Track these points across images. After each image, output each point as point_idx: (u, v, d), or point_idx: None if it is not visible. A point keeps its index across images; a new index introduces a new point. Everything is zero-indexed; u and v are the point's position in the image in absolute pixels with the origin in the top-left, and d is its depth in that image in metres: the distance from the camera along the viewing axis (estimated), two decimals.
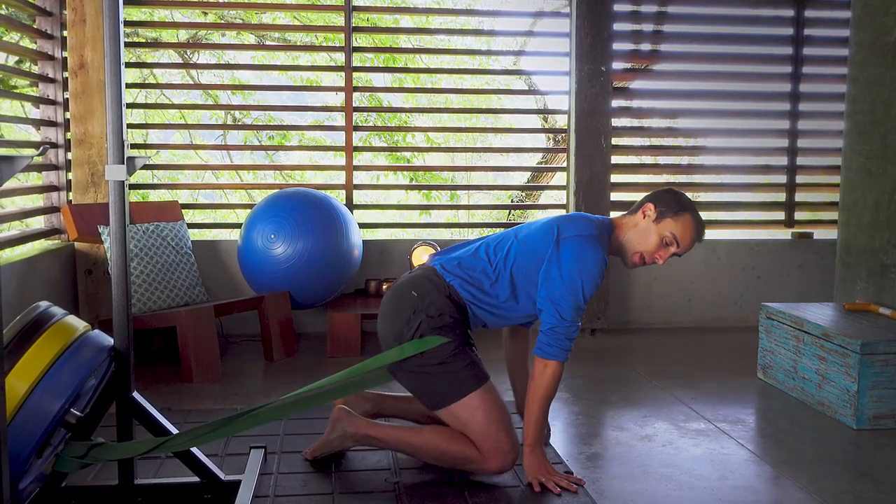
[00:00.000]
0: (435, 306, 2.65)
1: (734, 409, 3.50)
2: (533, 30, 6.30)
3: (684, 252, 2.75)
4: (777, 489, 2.67)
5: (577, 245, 2.62)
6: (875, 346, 3.24)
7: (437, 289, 2.69)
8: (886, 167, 3.92)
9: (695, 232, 2.73)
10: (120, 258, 2.29)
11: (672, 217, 2.70)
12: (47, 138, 4.56)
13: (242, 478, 2.53)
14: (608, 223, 2.79)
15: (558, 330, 2.60)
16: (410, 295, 2.68)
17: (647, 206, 2.74)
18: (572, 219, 2.73)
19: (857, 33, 4.13)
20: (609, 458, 2.94)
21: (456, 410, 2.61)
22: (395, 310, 2.70)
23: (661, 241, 2.71)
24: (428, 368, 2.61)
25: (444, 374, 2.61)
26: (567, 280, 2.59)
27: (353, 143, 5.05)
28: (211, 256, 4.84)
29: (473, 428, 2.59)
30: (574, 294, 2.59)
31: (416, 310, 2.65)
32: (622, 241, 2.77)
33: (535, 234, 2.73)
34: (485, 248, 2.78)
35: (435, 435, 2.68)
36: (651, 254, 2.73)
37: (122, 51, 2.24)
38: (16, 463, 1.96)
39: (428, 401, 2.68)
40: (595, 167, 4.99)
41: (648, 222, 2.73)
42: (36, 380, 2.04)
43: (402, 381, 2.70)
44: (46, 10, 4.48)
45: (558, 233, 2.65)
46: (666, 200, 2.73)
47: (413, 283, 2.72)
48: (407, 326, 2.64)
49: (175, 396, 3.60)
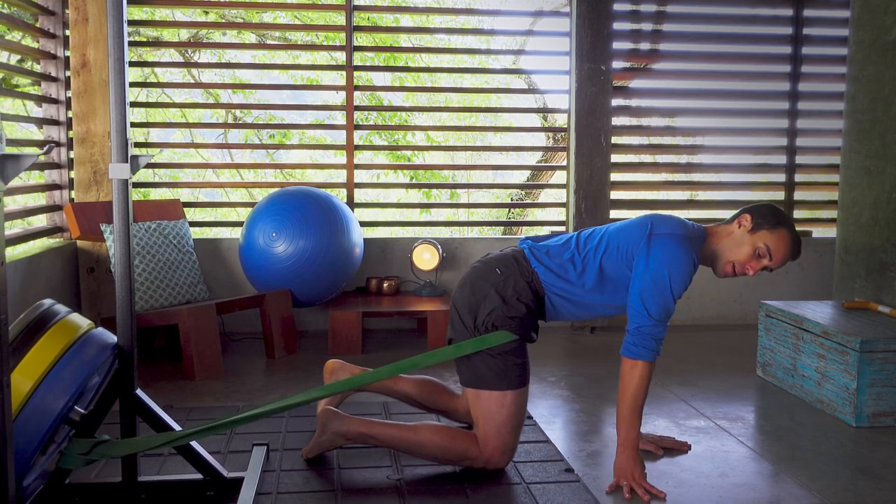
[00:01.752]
0: (514, 289, 2.71)
1: (734, 407, 3.52)
2: (533, 29, 6.31)
3: (776, 267, 2.74)
4: (777, 486, 2.68)
5: (669, 242, 2.64)
6: (874, 343, 3.24)
7: (520, 272, 2.74)
8: (886, 166, 3.93)
9: (789, 247, 2.73)
10: (123, 256, 2.30)
11: (768, 229, 2.71)
12: (50, 137, 4.58)
13: (245, 475, 2.54)
14: (701, 230, 2.80)
15: (644, 329, 2.61)
16: (495, 272, 2.75)
17: (744, 217, 2.75)
18: (666, 218, 2.76)
19: (856, 32, 4.14)
20: (610, 455, 2.94)
21: (487, 398, 2.66)
22: (476, 282, 2.76)
23: (755, 252, 2.71)
24: (484, 352, 2.67)
25: (496, 362, 2.66)
26: (655, 276, 2.60)
27: (353, 142, 5.06)
28: (213, 255, 4.86)
29: (492, 420, 2.65)
30: (661, 291, 2.60)
31: (496, 288, 2.71)
32: (715, 248, 2.78)
33: (628, 227, 2.76)
34: (575, 239, 2.83)
35: (434, 433, 2.70)
36: (743, 263, 2.73)
37: (125, 50, 2.24)
38: (20, 460, 1.97)
39: (467, 376, 2.72)
40: (595, 166, 5.00)
41: (743, 232, 2.74)
42: (40, 377, 2.05)
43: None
44: (49, 9, 4.49)
45: (651, 228, 2.68)
46: (764, 213, 2.74)
47: (501, 261, 2.79)
48: (483, 305, 2.70)
49: (177, 394, 3.62)
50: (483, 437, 2.66)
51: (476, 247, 5.09)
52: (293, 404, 2.52)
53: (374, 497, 2.52)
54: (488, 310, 2.69)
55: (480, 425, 2.68)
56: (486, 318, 2.69)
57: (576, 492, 2.58)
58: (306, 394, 2.60)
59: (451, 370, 3.88)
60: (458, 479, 2.66)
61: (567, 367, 4.12)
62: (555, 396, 3.62)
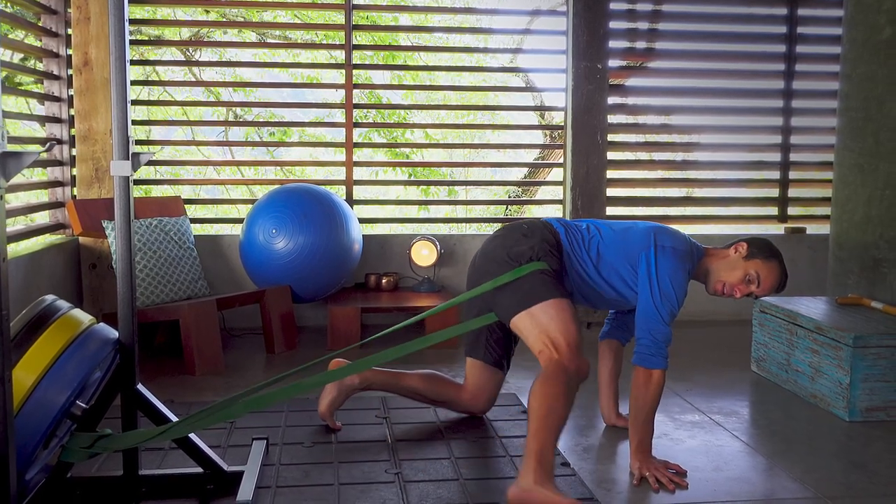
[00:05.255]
0: (546, 238, 2.88)
1: (728, 402, 3.55)
2: (530, 28, 6.34)
3: (761, 295, 2.92)
4: (771, 480, 2.72)
5: (672, 255, 2.81)
6: (867, 339, 3.28)
7: (546, 229, 2.92)
8: (879, 164, 3.96)
9: (777, 279, 2.89)
10: (125, 253, 2.32)
11: (762, 259, 2.87)
12: (52, 135, 4.61)
13: (245, 468, 2.56)
14: (700, 248, 2.95)
15: (658, 335, 2.73)
16: (522, 226, 2.96)
17: (741, 244, 2.92)
18: (669, 230, 2.92)
19: (849, 31, 4.16)
20: (605, 449, 2.98)
21: (540, 311, 2.71)
22: (507, 233, 2.96)
23: (745, 277, 2.86)
24: (526, 276, 2.77)
25: (542, 278, 2.77)
26: (663, 286, 2.76)
27: (352, 140, 5.09)
28: (213, 251, 4.88)
29: (557, 321, 2.69)
30: (669, 299, 2.76)
31: (526, 234, 2.89)
32: (709, 267, 2.92)
33: (634, 229, 2.93)
34: (587, 222, 3.02)
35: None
36: (732, 286, 2.88)
37: (127, 48, 2.27)
38: (22, 454, 1.99)
39: (511, 304, 2.79)
40: (591, 163, 5.03)
41: (738, 257, 2.89)
42: (42, 372, 2.07)
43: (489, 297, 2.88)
44: (51, 8, 4.52)
45: (655, 239, 2.83)
46: (759, 245, 2.91)
47: (526, 221, 3.03)
48: (522, 246, 2.84)
49: (178, 388, 3.64)
50: (554, 342, 2.67)
51: (474, 243, 5.12)
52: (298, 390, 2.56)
53: (373, 491, 2.55)
54: (525, 247, 2.83)
55: (543, 335, 2.69)
56: (524, 252, 2.82)
57: (572, 485, 2.60)
58: (311, 379, 2.64)
59: (450, 366, 3.92)
60: (456, 472, 2.70)
61: None
62: None
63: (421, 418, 3.24)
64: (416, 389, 3.14)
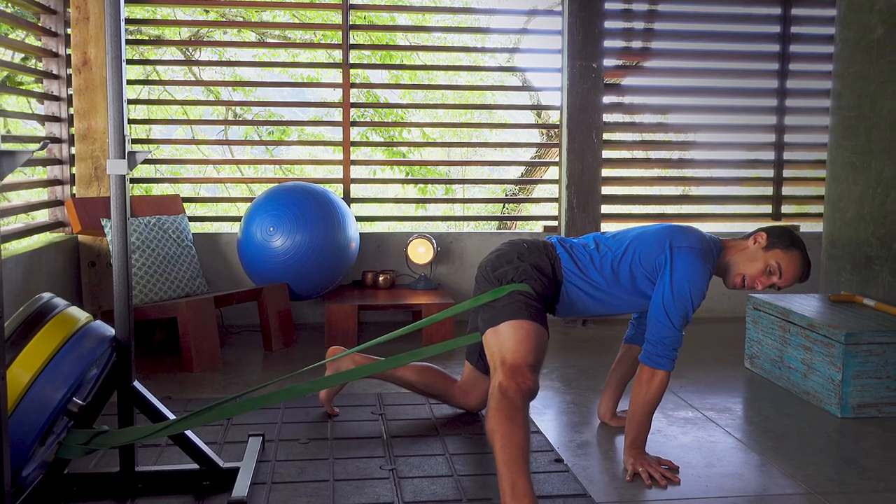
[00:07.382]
0: (537, 261, 2.82)
1: (721, 398, 3.57)
2: (527, 27, 6.36)
3: (784, 286, 2.84)
4: (763, 476, 2.73)
5: (689, 255, 2.72)
6: (859, 336, 3.29)
7: (545, 252, 2.87)
8: (871, 162, 3.98)
9: (800, 269, 2.82)
10: (121, 250, 2.34)
11: (782, 249, 2.79)
12: (52, 133, 4.63)
13: (241, 465, 2.57)
14: (718, 242, 2.89)
15: (667, 340, 2.69)
16: (522, 244, 2.90)
17: (760, 234, 2.84)
18: (686, 229, 2.85)
19: (842, 30, 4.19)
20: (599, 445, 2.99)
21: (504, 329, 2.64)
22: (506, 249, 2.91)
23: (766, 269, 2.80)
24: (504, 297, 2.74)
25: (518, 299, 2.71)
26: (677, 288, 2.69)
27: (350, 139, 5.11)
28: (211, 249, 4.91)
29: (511, 341, 2.61)
30: (683, 302, 2.69)
31: (519, 254, 2.84)
32: (728, 260, 2.86)
33: (647, 235, 2.85)
34: (594, 239, 2.96)
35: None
36: (753, 278, 2.82)
37: (123, 48, 2.30)
38: (19, 451, 2.01)
39: (485, 320, 2.74)
40: (587, 162, 5.05)
41: (757, 248, 2.82)
42: (39, 369, 2.08)
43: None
44: (51, 8, 4.54)
45: (671, 241, 2.76)
46: (779, 234, 2.83)
47: (528, 240, 2.95)
48: (507, 267, 2.81)
49: (176, 385, 3.67)
50: (501, 360, 2.57)
51: (470, 241, 5.15)
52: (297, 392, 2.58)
53: (368, 487, 2.56)
54: (510, 267, 2.80)
55: (497, 353, 2.61)
56: (507, 273, 2.79)
57: (565, 481, 2.62)
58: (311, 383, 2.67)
59: (445, 364, 3.94)
60: (451, 469, 2.72)
61: (558, 359, 4.16)
62: (546, 388, 3.67)
63: (416, 415, 3.26)
64: (409, 381, 3.18)
